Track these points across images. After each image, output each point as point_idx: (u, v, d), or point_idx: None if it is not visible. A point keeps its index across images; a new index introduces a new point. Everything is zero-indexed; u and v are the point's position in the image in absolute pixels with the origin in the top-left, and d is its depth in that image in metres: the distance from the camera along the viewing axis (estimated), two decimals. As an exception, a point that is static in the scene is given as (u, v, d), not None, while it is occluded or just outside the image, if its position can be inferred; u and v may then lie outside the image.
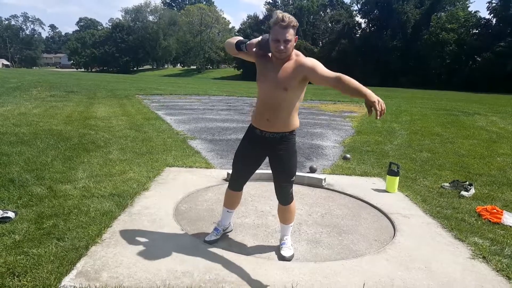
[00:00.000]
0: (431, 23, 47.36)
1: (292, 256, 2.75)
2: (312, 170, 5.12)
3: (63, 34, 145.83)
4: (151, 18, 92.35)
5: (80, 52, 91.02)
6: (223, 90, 22.28)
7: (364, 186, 4.58)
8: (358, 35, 59.02)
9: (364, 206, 3.95)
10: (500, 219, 3.58)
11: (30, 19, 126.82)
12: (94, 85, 20.93)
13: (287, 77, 2.42)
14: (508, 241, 3.16)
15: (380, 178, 4.94)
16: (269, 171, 2.90)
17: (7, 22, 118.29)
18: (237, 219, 3.42)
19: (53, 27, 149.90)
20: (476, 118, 12.31)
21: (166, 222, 3.23)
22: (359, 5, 60.12)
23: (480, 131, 9.63)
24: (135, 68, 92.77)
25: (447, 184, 4.69)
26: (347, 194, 4.27)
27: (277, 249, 2.87)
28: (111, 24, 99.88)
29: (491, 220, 3.59)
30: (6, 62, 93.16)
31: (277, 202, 2.79)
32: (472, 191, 4.44)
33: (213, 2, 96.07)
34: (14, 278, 2.26)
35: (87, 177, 4.32)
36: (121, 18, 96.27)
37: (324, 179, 4.53)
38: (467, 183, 4.57)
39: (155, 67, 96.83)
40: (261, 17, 71.62)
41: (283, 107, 2.51)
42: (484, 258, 2.83)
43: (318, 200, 4.06)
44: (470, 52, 44.91)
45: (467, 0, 52.27)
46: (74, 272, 2.35)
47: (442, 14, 49.79)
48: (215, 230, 3.01)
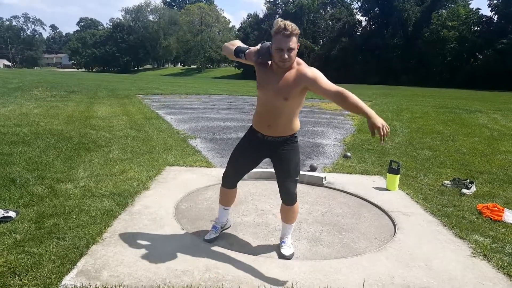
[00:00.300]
0: (432, 21, 47.21)
1: (292, 254, 2.75)
2: (313, 169, 5.12)
3: (64, 34, 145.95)
4: (151, 17, 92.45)
5: (81, 52, 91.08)
6: (223, 89, 22.27)
7: (365, 184, 4.58)
8: (359, 33, 58.90)
9: (365, 204, 3.95)
10: (501, 216, 3.58)
11: (31, 20, 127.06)
12: (95, 85, 20.93)
13: (288, 86, 2.40)
14: (509, 238, 3.16)
15: (381, 176, 4.94)
16: (269, 170, 2.91)
17: (8, 22, 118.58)
18: (237, 217, 3.42)
19: (54, 27, 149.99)
20: (478, 116, 12.28)
21: (167, 221, 3.23)
22: (359, 3, 59.99)
23: (481, 128, 9.61)
24: (136, 68, 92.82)
25: (448, 182, 4.68)
26: (347, 193, 4.27)
27: (277, 247, 2.88)
28: (111, 24, 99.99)
29: (492, 218, 3.59)
30: (7, 63, 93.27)
31: (277, 200, 2.79)
32: (473, 189, 4.43)
33: (213, 1, 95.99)
34: (15, 277, 2.26)
35: (87, 176, 4.33)
36: (121, 18, 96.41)
37: (325, 178, 4.53)
38: (468, 181, 4.56)
39: (155, 66, 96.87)
40: (261, 16, 71.61)
41: (283, 114, 2.52)
42: (485, 256, 2.83)
43: (319, 199, 4.06)
44: (472, 50, 44.76)
45: (468, -3, 52.15)
46: (74, 271, 2.35)
47: (443, 11, 49.61)
48: (214, 228, 3.02)
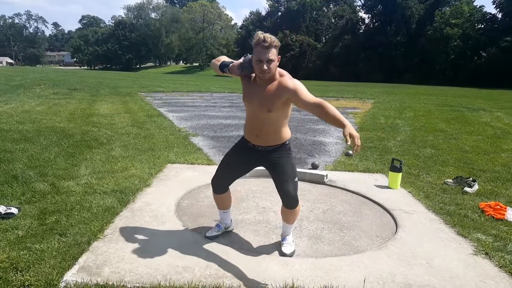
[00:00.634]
0: (435, 18, 47.00)
1: (293, 252, 2.75)
2: (314, 167, 5.11)
3: (66, 32, 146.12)
4: (153, 15, 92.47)
5: (83, 50, 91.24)
6: (225, 87, 22.25)
7: (367, 182, 4.57)
8: (362, 31, 58.71)
9: (366, 202, 3.94)
10: (504, 215, 3.56)
11: (33, 18, 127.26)
12: (97, 82, 20.96)
13: (270, 98, 2.42)
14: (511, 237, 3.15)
15: (383, 175, 4.93)
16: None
17: (10, 20, 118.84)
18: (238, 215, 3.42)
19: (56, 25, 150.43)
20: (481, 114, 12.23)
21: (168, 218, 3.24)
22: (362, 0, 59.83)
23: (484, 127, 9.57)
24: (138, 66, 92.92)
25: (450, 180, 4.67)
26: (349, 191, 4.26)
27: (278, 245, 2.88)
28: (113, 21, 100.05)
29: (494, 216, 3.57)
30: (10, 60, 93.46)
31: (278, 198, 2.78)
32: (476, 187, 4.42)
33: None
34: (17, 273, 2.27)
35: (89, 173, 4.34)
36: (123, 16, 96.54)
37: (326, 176, 4.52)
38: (471, 179, 4.55)
39: (157, 64, 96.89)
40: (263, 13, 71.56)
41: (269, 125, 2.54)
42: (486, 254, 2.82)
43: (320, 197, 4.06)
44: (475, 48, 44.53)
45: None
46: (76, 267, 2.36)
47: (447, 8, 49.37)
48: (217, 226, 3.02)
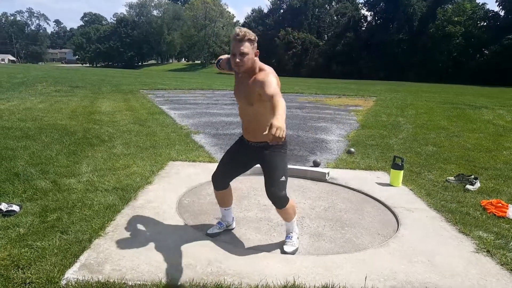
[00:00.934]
0: (437, 16, 46.84)
1: (294, 251, 2.73)
2: (316, 164, 5.10)
3: (68, 29, 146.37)
4: (155, 12, 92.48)
5: (85, 47, 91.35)
6: (227, 84, 22.24)
7: (368, 180, 4.56)
8: (364, 28, 58.63)
9: (368, 200, 3.94)
10: (506, 213, 3.55)
11: (35, 15, 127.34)
12: (99, 80, 20.99)
13: (249, 92, 2.48)
14: (513, 234, 3.14)
15: (385, 172, 4.92)
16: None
17: (12, 17, 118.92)
18: (239, 212, 3.42)
19: (58, 22, 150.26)
20: (483, 112, 12.20)
21: (169, 215, 3.24)
22: (365, -2, 59.62)
23: (486, 124, 9.54)
24: (140, 63, 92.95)
25: (452, 178, 4.65)
26: (350, 188, 4.25)
27: (279, 242, 2.87)
28: (115, 19, 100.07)
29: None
30: (12, 58, 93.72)
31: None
32: (478, 185, 4.40)
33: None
34: (19, 271, 2.28)
35: (91, 171, 4.34)
36: (125, 13, 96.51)
37: (328, 173, 4.51)
38: (473, 177, 4.53)
39: (159, 62, 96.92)
40: (265, 10, 71.45)
41: (256, 120, 2.56)
42: (488, 252, 2.81)
43: (322, 194, 4.05)
44: (478, 45, 44.45)
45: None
46: (77, 265, 2.36)
47: (449, 6, 49.18)
48: (219, 224, 3.02)
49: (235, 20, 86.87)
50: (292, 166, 4.72)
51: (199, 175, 4.40)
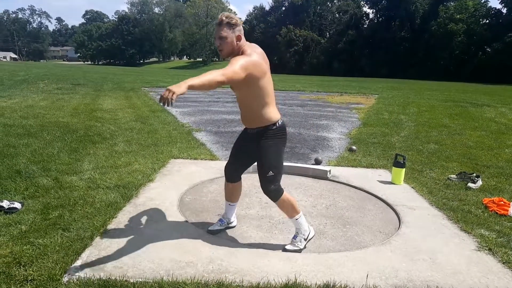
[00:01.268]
0: (439, 14, 46.68)
1: (294, 252, 2.68)
2: (318, 162, 5.10)
3: (70, 27, 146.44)
4: (157, 10, 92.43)
5: (87, 45, 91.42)
6: (229, 82, 22.20)
7: (370, 178, 4.56)
8: (366, 26, 58.42)
9: (369, 198, 3.93)
10: (507, 211, 3.55)
11: (37, 12, 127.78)
12: (101, 77, 20.99)
13: None
14: (515, 233, 3.13)
15: (386, 170, 4.91)
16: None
17: (14, 15, 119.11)
18: (241, 210, 3.42)
19: (59, 20, 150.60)
20: (485, 110, 12.16)
21: (171, 213, 3.24)
22: (366, -5, 59.42)
23: (488, 122, 9.52)
24: (141, 61, 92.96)
25: (454, 176, 4.64)
26: (352, 186, 4.25)
27: (281, 240, 2.88)
28: (117, 16, 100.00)
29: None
30: (13, 55, 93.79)
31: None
32: (479, 183, 4.39)
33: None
34: (20, 268, 2.28)
35: (92, 168, 4.35)
36: (127, 11, 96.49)
37: (329, 171, 4.51)
38: (474, 175, 4.52)
39: (161, 59, 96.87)
40: (267, 8, 71.20)
41: (244, 105, 2.61)
42: (490, 250, 2.80)
43: (323, 192, 4.05)
44: (480, 43, 44.25)
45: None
46: (79, 262, 2.37)
47: (451, 3, 48.99)
48: (220, 221, 3.03)
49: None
50: (293, 164, 4.72)
51: (201, 173, 4.40)
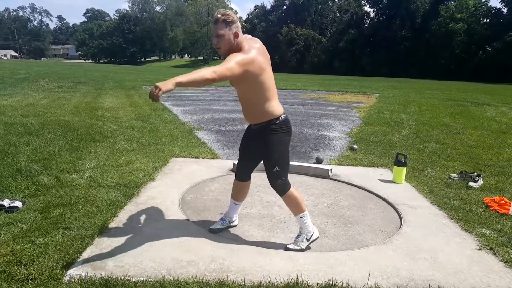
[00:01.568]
0: (440, 13, 46.59)
1: (296, 251, 2.68)
2: (319, 161, 5.10)
3: (71, 25, 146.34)
4: (158, 8, 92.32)
5: (88, 43, 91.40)
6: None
7: (371, 176, 4.55)
8: (367, 25, 58.34)
9: (371, 197, 3.93)
10: (508, 210, 3.54)
11: (38, 10, 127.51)
12: (102, 76, 20.99)
13: None
14: (516, 232, 3.13)
15: (387, 169, 4.91)
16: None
17: (15, 13, 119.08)
18: (242, 209, 3.41)
19: (60, 18, 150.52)
20: (486, 109, 12.15)
21: (172, 211, 3.24)
22: (367, -6, 59.30)
23: (489, 121, 9.51)
24: (142, 59, 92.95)
25: (455, 175, 4.64)
26: (353, 185, 4.24)
27: (282, 239, 2.87)
28: (118, 15, 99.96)
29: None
30: (14, 54, 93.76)
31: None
32: (480, 182, 4.39)
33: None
34: (21, 267, 2.28)
35: (94, 167, 4.35)
36: (128, 9, 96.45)
37: (331, 170, 4.50)
38: (475, 174, 4.52)
39: (162, 58, 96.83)
40: (268, 6, 71.18)
41: (245, 101, 2.60)
42: (491, 249, 2.80)
43: (324, 191, 4.04)
44: (480, 42, 44.16)
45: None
46: (80, 261, 2.37)
47: (452, 3, 48.90)
48: (221, 220, 3.02)
49: (237, 16, 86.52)
50: (295, 163, 4.72)
51: (202, 172, 4.40)
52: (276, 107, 2.55)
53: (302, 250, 2.69)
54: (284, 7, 69.12)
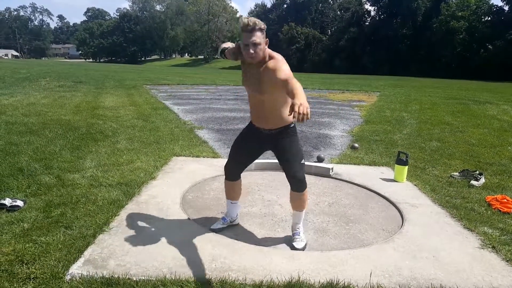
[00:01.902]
0: (441, 11, 46.51)
1: (304, 247, 2.73)
2: (320, 160, 5.09)
3: (71, 24, 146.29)
4: (158, 7, 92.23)
5: (89, 43, 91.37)
6: (230, 79, 22.21)
7: (372, 175, 4.54)
8: (368, 23, 58.21)
9: (372, 196, 3.92)
10: (511, 208, 3.53)
11: (39, 10, 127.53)
12: (102, 75, 20.99)
13: (261, 80, 2.47)
14: (518, 231, 3.12)
15: (389, 168, 4.90)
16: (275, 161, 2.88)
17: (16, 13, 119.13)
18: (243, 208, 3.41)
19: (61, 17, 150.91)
20: (487, 107, 12.13)
21: (173, 211, 3.24)
22: (368, -8, 59.17)
23: (491, 120, 9.49)
24: (143, 58, 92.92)
25: (456, 173, 4.63)
26: (354, 184, 4.24)
27: (283, 238, 2.87)
28: (118, 14, 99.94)
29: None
30: (15, 53, 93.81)
31: (284, 191, 2.78)
32: (482, 180, 4.38)
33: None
34: (23, 266, 2.28)
35: (95, 166, 4.34)
36: (128, 8, 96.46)
37: (332, 169, 4.50)
38: (477, 172, 4.51)
39: (162, 57, 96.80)
40: (269, 5, 71.25)
41: (267, 107, 2.58)
42: (493, 248, 2.79)
43: (326, 190, 4.04)
44: (481, 40, 44.13)
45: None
46: (81, 260, 2.36)
47: (453, 1, 48.82)
48: (222, 219, 3.03)
49: (238, 15, 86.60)
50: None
51: (203, 171, 4.40)
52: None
53: (306, 243, 2.78)
54: (285, 5, 69.13)
